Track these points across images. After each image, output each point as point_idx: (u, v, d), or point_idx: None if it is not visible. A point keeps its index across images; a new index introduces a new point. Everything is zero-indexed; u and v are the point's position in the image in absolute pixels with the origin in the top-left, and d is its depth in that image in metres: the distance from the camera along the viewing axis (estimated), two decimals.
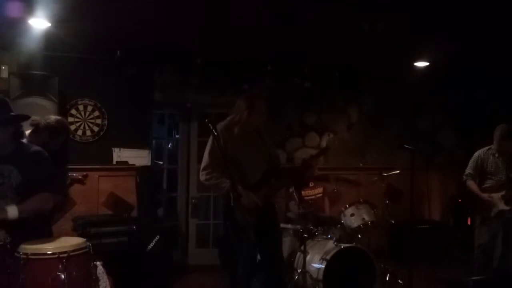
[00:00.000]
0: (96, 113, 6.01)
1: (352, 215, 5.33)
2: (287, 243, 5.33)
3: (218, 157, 3.45)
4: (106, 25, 4.84)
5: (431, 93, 7.43)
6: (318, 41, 5.38)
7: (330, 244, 4.87)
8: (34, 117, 3.94)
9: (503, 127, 4.97)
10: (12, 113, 3.03)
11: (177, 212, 6.69)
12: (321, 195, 6.12)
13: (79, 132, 5.92)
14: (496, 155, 5.03)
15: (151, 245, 5.23)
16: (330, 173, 6.21)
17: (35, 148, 3.17)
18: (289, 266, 5.03)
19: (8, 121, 2.98)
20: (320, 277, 4.61)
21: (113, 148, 6.03)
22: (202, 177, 3.61)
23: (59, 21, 4.59)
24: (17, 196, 2.98)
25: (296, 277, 4.80)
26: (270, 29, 4.93)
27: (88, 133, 5.97)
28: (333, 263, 4.62)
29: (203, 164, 3.63)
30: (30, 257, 2.69)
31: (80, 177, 4.44)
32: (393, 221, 5.51)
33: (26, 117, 3.25)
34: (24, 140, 3.74)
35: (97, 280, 3.03)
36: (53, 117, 4.11)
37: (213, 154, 3.57)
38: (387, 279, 5.19)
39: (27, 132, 3.90)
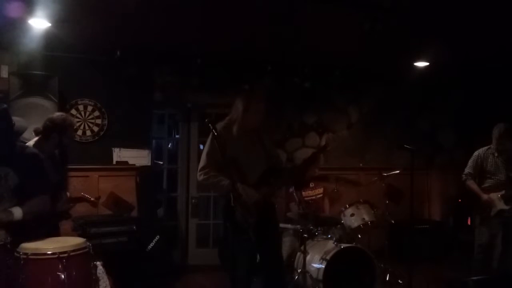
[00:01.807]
0: (96, 113, 6.01)
1: (352, 215, 5.33)
2: (287, 243, 5.33)
3: (217, 157, 3.45)
4: (106, 25, 4.84)
5: (431, 93, 7.43)
6: (318, 41, 5.38)
7: (330, 244, 4.87)
8: (35, 127, 3.93)
9: (501, 126, 4.97)
10: (13, 122, 3.05)
11: (177, 212, 6.70)
12: (321, 195, 6.13)
13: (79, 132, 5.91)
14: (496, 155, 5.03)
15: (151, 245, 5.23)
16: (330, 173, 6.21)
17: (31, 150, 3.21)
18: (289, 266, 5.03)
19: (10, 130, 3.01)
20: (320, 277, 4.61)
21: (113, 148, 6.04)
22: (200, 177, 3.62)
23: (59, 21, 4.59)
24: (14, 197, 2.98)
25: (296, 277, 4.80)
26: (270, 29, 4.93)
27: (88, 133, 5.97)
28: (333, 263, 4.62)
29: (201, 164, 3.63)
30: (30, 257, 2.70)
31: (93, 199, 4.44)
32: (393, 221, 5.51)
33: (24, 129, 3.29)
34: (32, 143, 3.75)
35: (97, 280, 3.03)
36: (52, 116, 4.05)
37: (211, 154, 3.57)
38: (387, 279, 5.20)
39: (34, 140, 3.87)
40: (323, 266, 4.63)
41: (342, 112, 7.22)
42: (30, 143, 3.79)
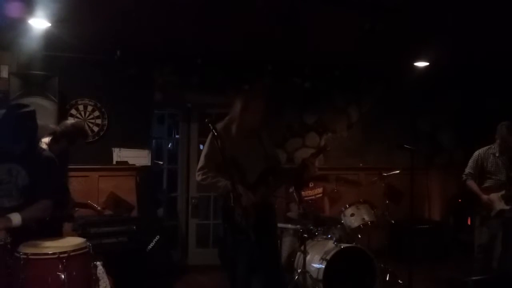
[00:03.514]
0: (96, 113, 6.02)
1: (352, 215, 5.32)
2: (287, 243, 5.32)
3: (216, 157, 3.45)
4: (106, 25, 4.84)
5: (431, 93, 7.43)
6: (318, 41, 5.39)
7: (330, 244, 4.87)
8: (51, 126, 4.01)
9: (507, 124, 4.93)
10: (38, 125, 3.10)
11: (177, 212, 6.70)
12: (321, 195, 6.13)
13: None
14: (497, 155, 5.03)
15: (151, 245, 5.23)
16: (330, 173, 6.22)
17: (47, 153, 3.24)
18: (289, 266, 5.03)
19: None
20: (320, 277, 4.61)
21: (113, 148, 6.04)
22: (198, 177, 3.61)
23: (59, 21, 4.59)
24: (20, 196, 2.99)
25: (296, 277, 4.80)
26: (270, 29, 4.93)
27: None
28: (333, 263, 4.62)
29: (200, 164, 3.63)
30: (30, 257, 2.69)
31: (99, 208, 4.54)
32: (393, 221, 5.51)
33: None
34: (45, 146, 3.80)
35: (97, 280, 3.03)
36: (69, 122, 4.22)
37: (210, 154, 3.57)
38: (387, 279, 5.20)
39: (47, 139, 3.96)
40: (323, 266, 4.63)
41: (342, 112, 7.22)
42: (44, 140, 3.92)
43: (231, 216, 3.35)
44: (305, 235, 4.86)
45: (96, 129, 6.01)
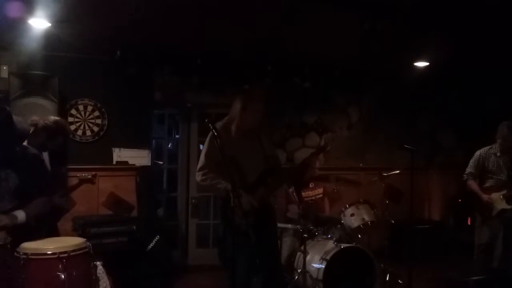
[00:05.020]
0: (96, 113, 6.01)
1: (352, 215, 5.33)
2: (287, 243, 5.33)
3: (215, 157, 3.46)
4: (106, 25, 4.84)
5: (431, 93, 7.44)
6: (318, 41, 5.38)
7: (330, 244, 4.87)
8: (33, 118, 3.95)
9: (508, 124, 4.94)
10: (16, 126, 3.04)
11: (177, 212, 6.69)
12: (321, 195, 6.13)
13: (79, 132, 5.92)
14: (498, 154, 5.03)
15: (151, 245, 5.23)
16: (330, 173, 6.21)
17: (32, 151, 3.20)
18: (289, 266, 5.03)
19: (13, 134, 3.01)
20: (320, 277, 4.61)
21: (113, 148, 6.04)
22: (198, 177, 3.62)
23: (59, 21, 4.59)
24: (15, 199, 2.97)
25: (296, 277, 4.80)
26: (270, 29, 4.93)
27: (88, 133, 5.97)
28: (333, 263, 4.63)
29: (199, 164, 3.64)
30: (30, 257, 2.69)
31: (89, 176, 4.39)
32: (393, 221, 5.51)
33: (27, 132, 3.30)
34: (25, 143, 3.77)
35: (97, 280, 3.03)
36: (52, 118, 4.12)
37: (210, 154, 3.57)
38: (387, 279, 5.20)
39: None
40: (323, 266, 4.63)
41: (342, 112, 7.22)
42: None
43: (231, 216, 3.35)
44: (305, 235, 4.86)
45: (96, 129, 6.01)
